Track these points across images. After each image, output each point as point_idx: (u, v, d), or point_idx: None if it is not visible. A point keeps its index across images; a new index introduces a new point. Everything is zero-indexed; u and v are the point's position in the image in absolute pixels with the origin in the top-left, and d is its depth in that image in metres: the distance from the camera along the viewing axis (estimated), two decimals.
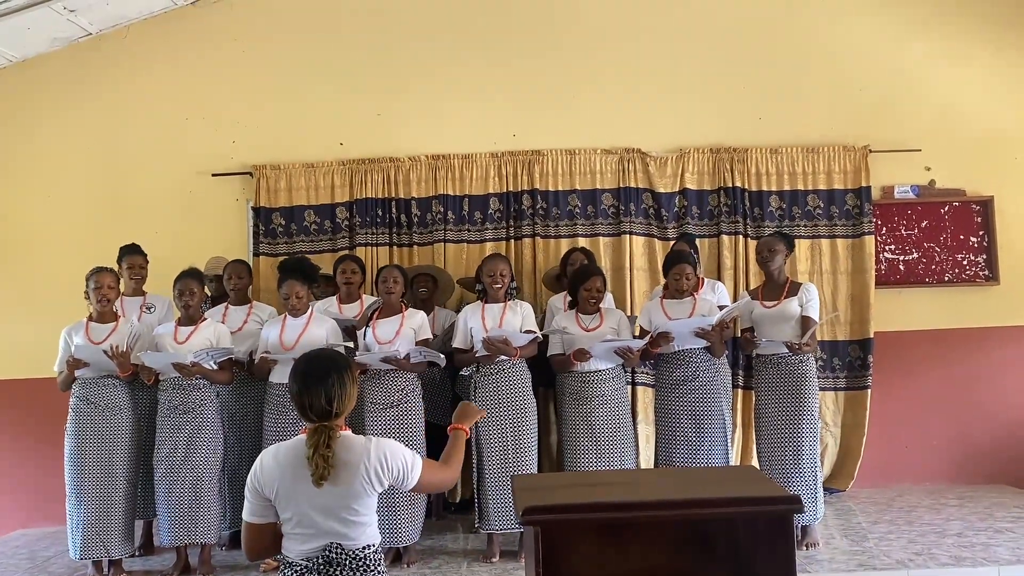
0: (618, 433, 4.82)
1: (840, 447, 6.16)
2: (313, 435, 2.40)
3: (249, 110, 6.31)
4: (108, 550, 4.65)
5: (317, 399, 2.43)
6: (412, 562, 4.74)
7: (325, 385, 2.43)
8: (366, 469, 2.42)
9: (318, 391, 2.43)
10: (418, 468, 2.52)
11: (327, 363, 2.50)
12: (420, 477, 2.52)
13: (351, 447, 2.45)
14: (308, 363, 2.51)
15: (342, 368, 2.49)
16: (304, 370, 2.49)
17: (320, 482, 2.35)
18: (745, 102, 6.31)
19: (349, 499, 2.42)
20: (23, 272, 6.23)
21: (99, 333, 4.73)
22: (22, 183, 6.32)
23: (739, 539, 2.45)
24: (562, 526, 2.24)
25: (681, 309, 4.89)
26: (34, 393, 5.86)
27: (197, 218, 6.24)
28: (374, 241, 6.15)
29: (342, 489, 2.41)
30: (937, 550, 4.63)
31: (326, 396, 2.42)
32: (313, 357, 2.56)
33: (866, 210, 6.15)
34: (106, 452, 4.67)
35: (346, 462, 2.41)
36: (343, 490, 2.41)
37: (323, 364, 2.49)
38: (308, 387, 2.44)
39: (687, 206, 6.18)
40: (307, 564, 2.41)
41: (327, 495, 2.40)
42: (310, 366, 2.49)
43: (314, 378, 2.45)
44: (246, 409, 5.12)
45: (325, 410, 2.43)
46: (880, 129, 6.27)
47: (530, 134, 6.26)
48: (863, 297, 6.13)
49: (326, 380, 2.44)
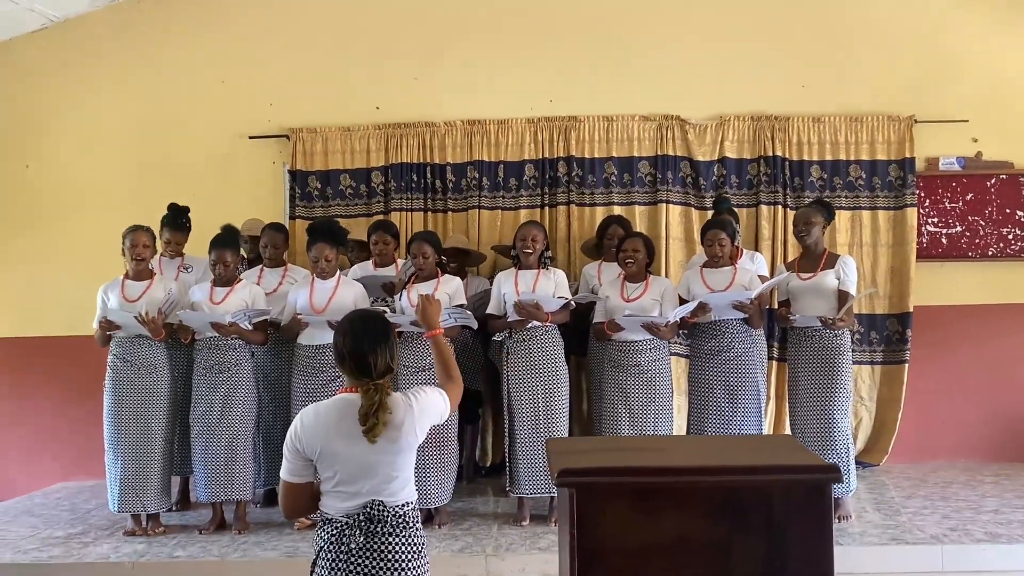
0: (653, 403, 4.77)
1: (875, 421, 6.09)
2: (370, 394, 2.42)
3: (286, 73, 6.31)
4: (145, 504, 4.75)
5: (383, 357, 2.47)
6: (443, 523, 4.79)
7: (388, 343, 2.49)
8: (412, 424, 2.48)
9: (384, 350, 2.48)
10: (446, 400, 2.63)
11: (384, 323, 2.56)
12: (451, 402, 2.65)
13: (396, 405, 2.49)
14: (366, 323, 2.54)
15: (390, 328, 2.56)
16: (365, 329, 2.51)
17: (374, 439, 2.40)
18: (788, 69, 6.18)
19: (394, 455, 2.47)
20: (64, 230, 6.32)
21: (134, 291, 4.80)
22: (63, 142, 6.39)
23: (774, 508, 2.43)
24: (596, 489, 2.24)
25: (720, 278, 4.83)
26: (74, 349, 5.98)
27: (234, 180, 6.28)
28: (409, 206, 6.14)
29: (389, 446, 2.45)
30: (972, 526, 4.58)
31: (390, 354, 2.49)
32: (368, 317, 2.59)
33: (909, 181, 6.03)
34: (142, 410, 4.76)
35: (393, 419, 2.46)
36: (389, 447, 2.45)
37: (382, 323, 2.56)
38: (375, 346, 2.47)
39: (726, 175, 6.09)
40: (347, 521, 2.45)
41: (372, 452, 2.44)
42: (369, 325, 2.53)
43: (379, 337, 2.49)
44: (280, 369, 5.17)
45: (388, 367, 2.48)
46: (926, 99, 6.11)
47: (567, 100, 6.19)
48: (903, 270, 6.02)
49: (388, 339, 2.50)
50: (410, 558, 2.44)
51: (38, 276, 6.33)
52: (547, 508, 4.86)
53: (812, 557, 2.17)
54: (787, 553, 2.33)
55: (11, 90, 6.42)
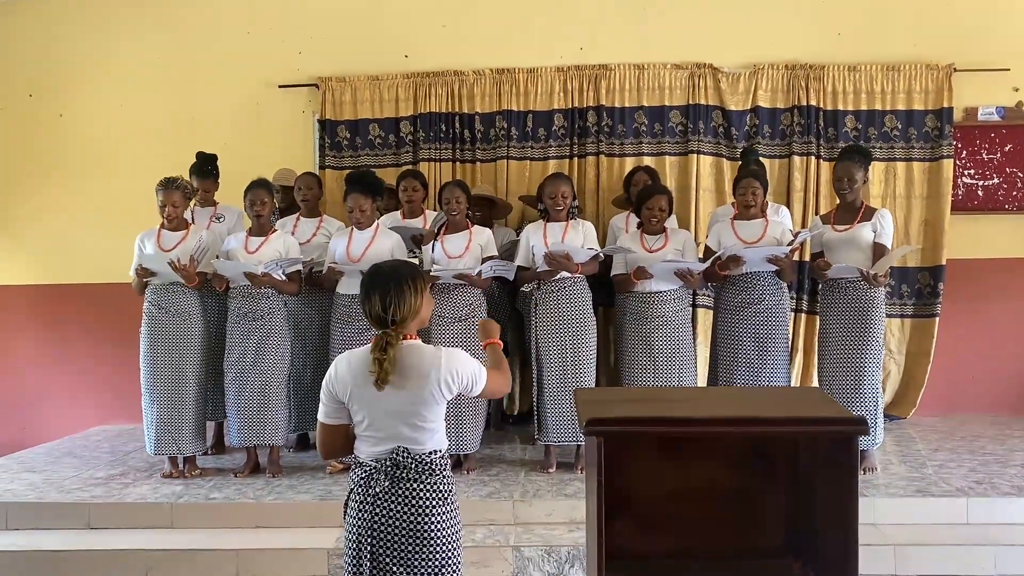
0: (677, 354, 4.82)
1: (903, 374, 6.07)
2: (375, 341, 2.50)
3: (316, 21, 6.27)
4: (180, 447, 4.88)
5: (373, 306, 2.54)
6: (472, 469, 4.88)
7: (381, 293, 2.53)
8: (437, 377, 2.51)
9: (373, 299, 2.54)
10: (483, 377, 2.62)
11: (387, 273, 2.60)
12: (485, 386, 2.62)
13: (422, 355, 2.53)
14: (370, 273, 2.62)
15: (401, 278, 2.56)
16: (366, 279, 2.60)
17: (380, 386, 2.45)
18: (823, 17, 6.04)
19: (418, 405, 2.51)
20: (99, 181, 6.40)
21: (170, 240, 4.87)
22: (96, 94, 6.43)
23: (799, 459, 2.46)
24: (624, 438, 2.26)
25: (752, 231, 4.80)
26: (111, 297, 6.08)
27: (264, 130, 6.29)
28: (437, 156, 6.13)
29: (412, 395, 2.50)
30: (999, 479, 4.58)
31: (381, 304, 2.52)
32: (375, 267, 2.66)
33: (946, 132, 5.91)
34: (176, 356, 4.85)
35: (417, 370, 2.50)
36: (413, 396, 2.50)
37: (383, 273, 2.60)
38: (368, 295, 2.56)
39: (758, 125, 6.00)
40: (376, 465, 2.52)
41: (397, 400, 2.49)
42: (371, 276, 2.60)
43: (373, 287, 2.56)
44: (311, 318, 5.25)
45: (380, 317, 2.53)
46: (966, 47, 5.96)
47: (597, 48, 6.10)
48: (937, 223, 5.94)
49: (383, 288, 2.54)
50: (435, 503, 2.50)
51: (72, 224, 6.43)
52: (573, 456, 4.93)
53: (837, 507, 2.19)
54: (812, 503, 2.37)
55: (44, 40, 6.44)
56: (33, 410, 6.55)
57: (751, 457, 2.51)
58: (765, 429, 2.26)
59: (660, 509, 2.46)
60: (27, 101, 6.47)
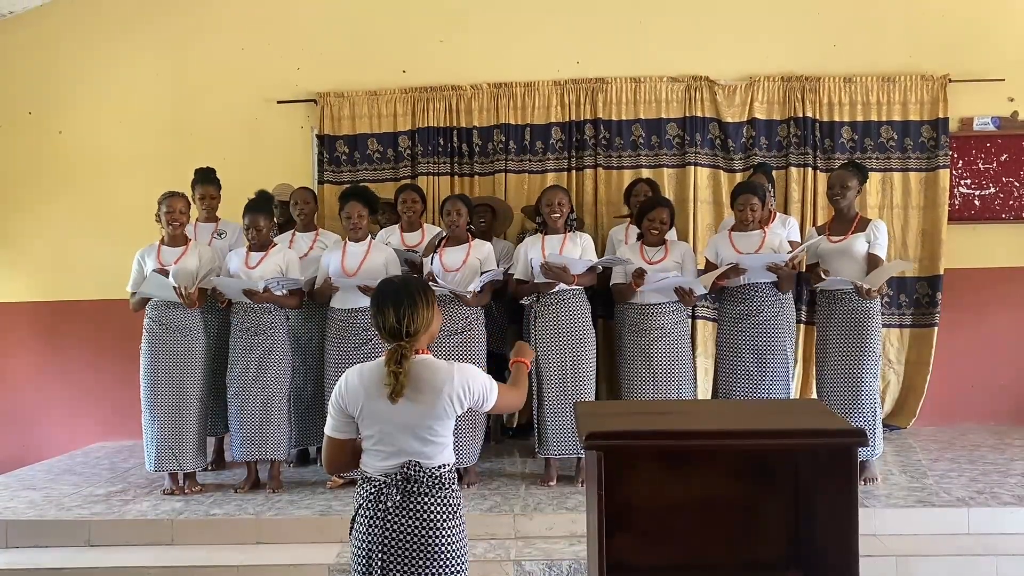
0: (676, 366, 4.83)
1: (903, 384, 6.08)
2: (389, 354, 2.51)
3: (313, 37, 6.31)
4: (181, 463, 4.87)
5: (387, 319, 2.54)
6: (472, 482, 4.88)
7: (394, 306, 2.54)
8: (450, 391, 2.52)
9: (386, 312, 2.54)
10: (495, 392, 2.63)
11: (399, 286, 2.61)
12: (496, 401, 2.63)
13: (435, 370, 2.54)
14: (382, 287, 2.64)
15: (414, 291, 2.58)
16: (377, 293, 2.62)
17: (395, 399, 2.46)
18: (818, 28, 6.08)
19: (430, 419, 2.52)
20: (97, 196, 6.41)
21: (170, 256, 4.88)
22: (95, 108, 6.45)
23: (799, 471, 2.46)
24: (624, 452, 2.27)
25: (749, 242, 4.82)
26: (111, 313, 6.07)
27: (263, 145, 6.32)
28: (435, 171, 6.16)
29: (424, 409, 2.51)
30: (1000, 489, 4.58)
31: (395, 316, 2.53)
32: (386, 282, 2.68)
33: (942, 142, 5.94)
34: (178, 372, 4.86)
35: (430, 384, 2.51)
36: (425, 410, 2.51)
37: (395, 287, 2.61)
38: (380, 308, 2.57)
39: (755, 136, 6.03)
40: (385, 480, 2.52)
41: (409, 414, 2.50)
42: (383, 289, 2.62)
43: (385, 300, 2.57)
44: (311, 333, 5.24)
45: (395, 329, 2.53)
46: (961, 58, 6.00)
47: (594, 61, 6.14)
48: (934, 233, 5.96)
49: (396, 301, 2.55)
50: (445, 517, 2.51)
51: (71, 241, 6.44)
52: (574, 469, 4.93)
53: (837, 518, 2.20)
54: (813, 514, 2.37)
55: (44, 58, 6.47)
56: (33, 427, 6.55)
57: (751, 469, 2.51)
58: (764, 442, 2.26)
59: (661, 522, 2.46)
60: (27, 119, 6.50)
